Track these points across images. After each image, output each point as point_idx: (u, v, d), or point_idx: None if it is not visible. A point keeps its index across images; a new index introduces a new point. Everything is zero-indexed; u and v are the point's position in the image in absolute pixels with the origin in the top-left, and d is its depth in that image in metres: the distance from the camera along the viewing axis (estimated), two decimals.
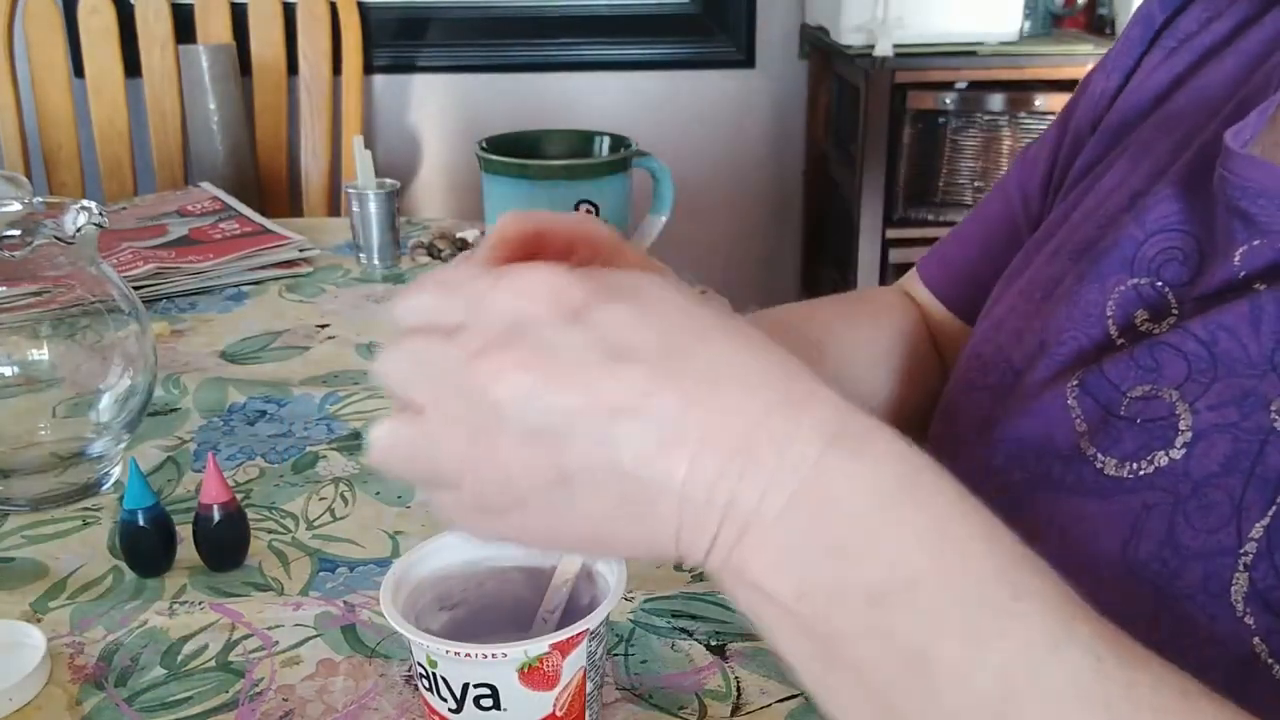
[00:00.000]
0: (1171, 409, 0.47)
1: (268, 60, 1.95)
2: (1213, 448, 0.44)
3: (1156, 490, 0.45)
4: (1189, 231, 0.51)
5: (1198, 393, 0.46)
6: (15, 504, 0.72)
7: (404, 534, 0.69)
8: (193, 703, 0.54)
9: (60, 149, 1.91)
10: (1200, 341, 0.47)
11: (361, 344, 0.99)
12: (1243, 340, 0.46)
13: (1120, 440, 0.47)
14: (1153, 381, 0.48)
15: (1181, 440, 0.46)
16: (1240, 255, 0.47)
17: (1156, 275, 0.51)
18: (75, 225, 0.69)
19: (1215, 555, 0.43)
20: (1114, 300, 0.52)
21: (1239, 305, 0.46)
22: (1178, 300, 0.50)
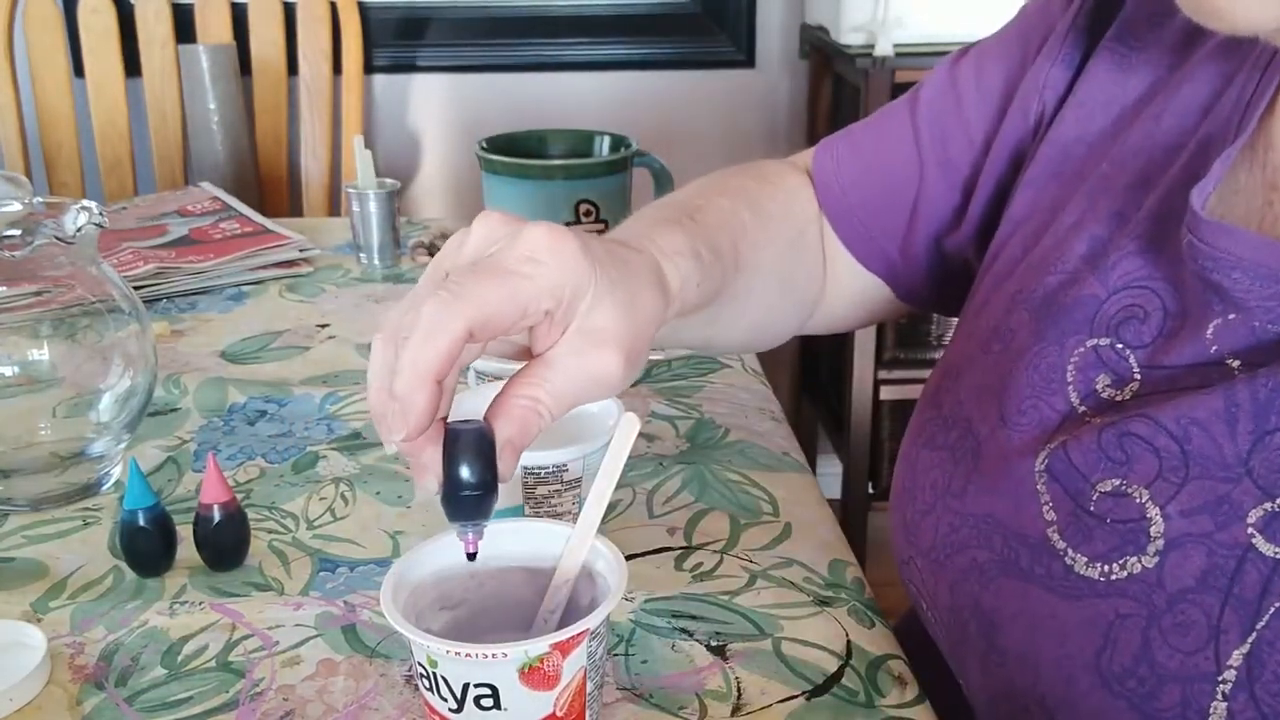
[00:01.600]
0: (1142, 511, 0.44)
1: (268, 60, 1.95)
2: (1186, 559, 0.42)
3: (1129, 599, 0.44)
4: (1152, 289, 0.49)
5: (1169, 494, 0.44)
6: (15, 504, 0.71)
7: (404, 534, 0.69)
8: (193, 703, 0.54)
9: (60, 149, 1.91)
10: (1171, 436, 0.44)
11: (361, 344, 0.99)
12: (1216, 439, 0.43)
13: (1091, 539, 0.46)
14: (1123, 476, 0.46)
15: (1154, 548, 0.44)
16: (1213, 329, 0.45)
17: (1116, 335, 0.49)
18: (75, 225, 0.69)
19: (1193, 680, 0.41)
20: (1074, 364, 0.50)
21: (1212, 398, 0.43)
22: (1139, 365, 0.48)
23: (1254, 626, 0.40)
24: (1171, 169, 0.51)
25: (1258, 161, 0.48)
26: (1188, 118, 0.52)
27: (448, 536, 0.50)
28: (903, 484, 0.58)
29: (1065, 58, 0.60)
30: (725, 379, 0.92)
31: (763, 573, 0.64)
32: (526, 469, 0.61)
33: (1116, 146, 0.55)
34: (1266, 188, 0.47)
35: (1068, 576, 0.46)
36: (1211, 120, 0.50)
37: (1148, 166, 0.52)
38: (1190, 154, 0.50)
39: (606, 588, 0.47)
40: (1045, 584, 0.47)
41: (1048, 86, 0.60)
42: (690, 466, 0.77)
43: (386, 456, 0.78)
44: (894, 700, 0.54)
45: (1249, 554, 0.41)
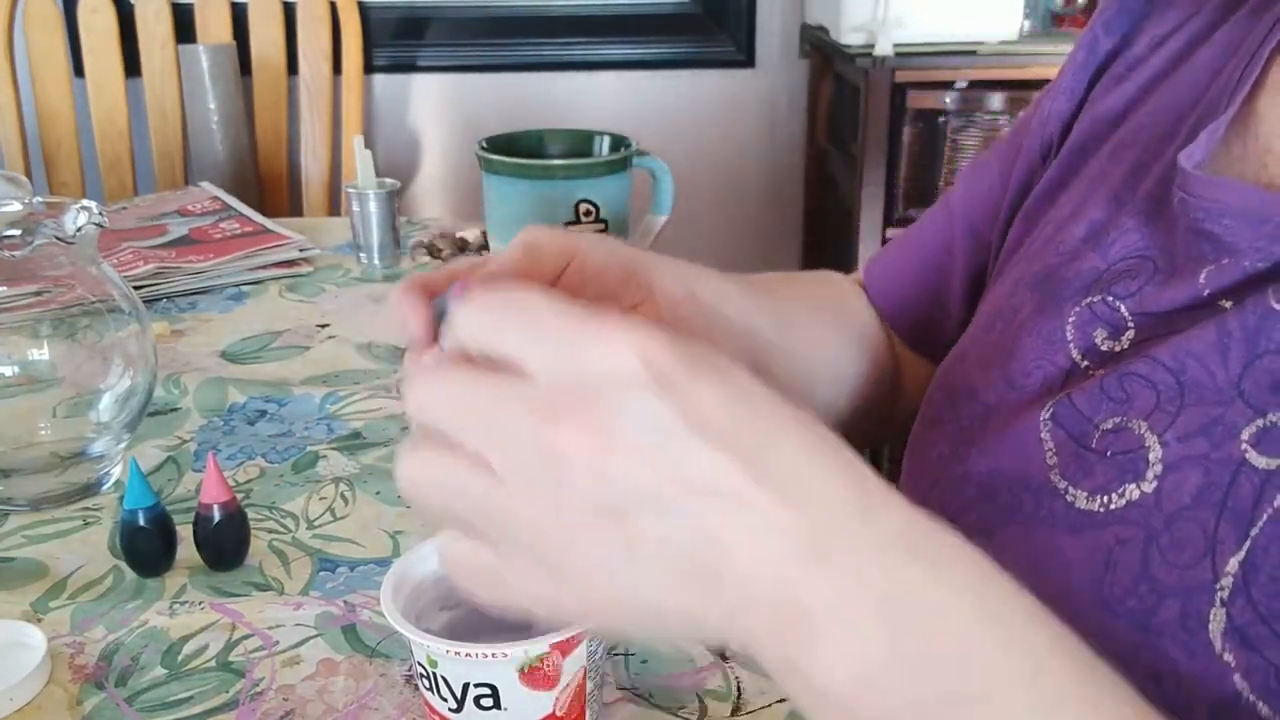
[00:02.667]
0: (1141, 441, 0.46)
1: (268, 60, 1.95)
2: (1184, 480, 0.44)
3: (1128, 524, 0.45)
4: (1149, 256, 0.51)
5: (1165, 423, 0.45)
6: (15, 504, 0.72)
7: (404, 534, 0.69)
8: (193, 703, 0.54)
9: (60, 149, 1.91)
10: (1168, 370, 0.46)
11: (361, 344, 0.99)
12: (1210, 367, 0.45)
13: (1091, 473, 0.47)
14: (1123, 413, 0.47)
15: (1152, 473, 0.45)
16: (1205, 275, 0.47)
17: (1108, 291, 0.51)
18: (75, 225, 0.69)
19: (1192, 591, 0.42)
20: (1071, 323, 0.52)
21: (1205, 330, 0.45)
22: (1132, 313, 0.50)
23: (1248, 534, 0.41)
24: (1166, 153, 0.53)
25: (1250, 134, 0.50)
26: (1181, 110, 0.54)
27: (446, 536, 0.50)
28: (909, 473, 0.60)
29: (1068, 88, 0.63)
30: None
31: None
32: None
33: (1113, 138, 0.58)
34: (1260, 153, 0.49)
35: (1068, 513, 0.47)
36: (1203, 104, 0.53)
37: (1143, 154, 0.55)
38: (1184, 137, 0.52)
39: None
40: (1048, 524, 0.48)
41: (1052, 115, 0.63)
42: None
43: (386, 456, 0.78)
44: None
45: (1242, 468, 0.43)
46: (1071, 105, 0.63)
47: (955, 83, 1.92)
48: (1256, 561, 0.41)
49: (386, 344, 0.99)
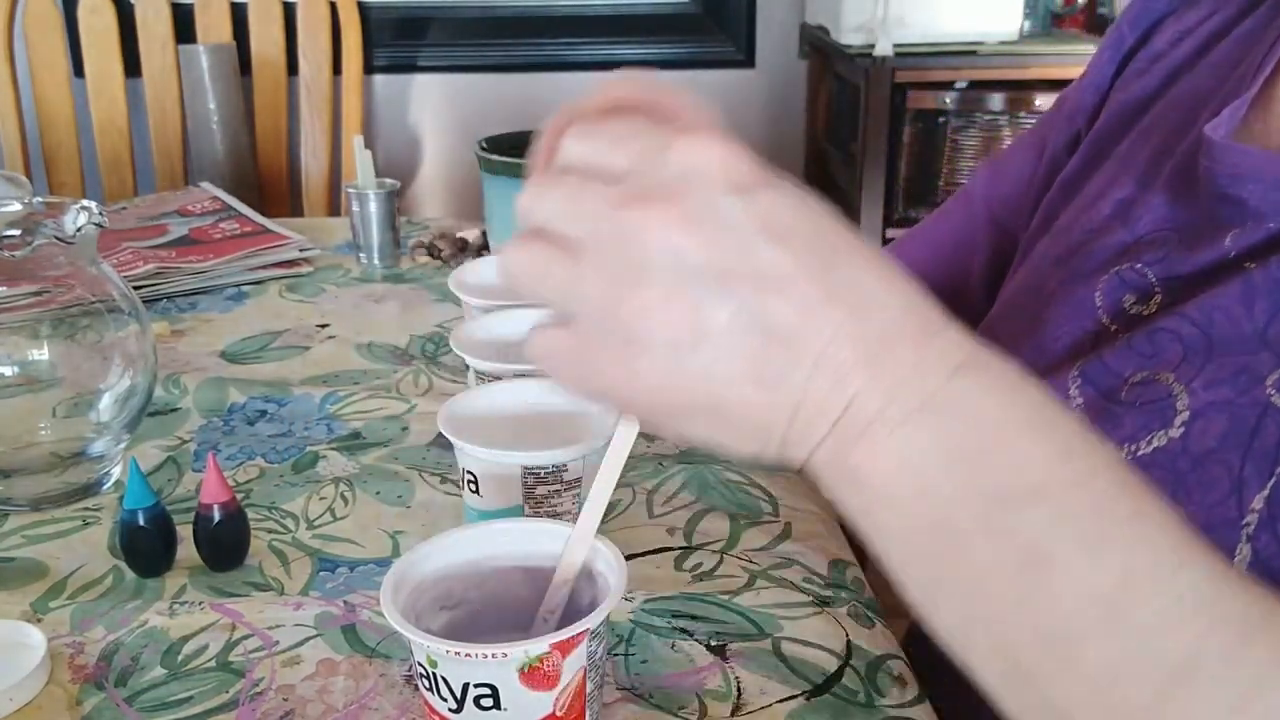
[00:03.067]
0: (1169, 391, 0.48)
1: (268, 60, 1.95)
2: (1210, 425, 0.45)
3: (1156, 468, 0.46)
4: (1175, 228, 0.52)
5: (1193, 373, 0.47)
6: (15, 504, 0.71)
7: (404, 534, 0.69)
8: (193, 703, 0.54)
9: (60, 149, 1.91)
10: (1194, 324, 0.48)
11: (361, 344, 0.99)
12: (1237, 320, 0.47)
13: (1120, 424, 0.48)
14: (1151, 366, 0.49)
15: (1180, 420, 0.46)
16: (1231, 238, 0.48)
17: (1136, 259, 0.53)
18: (75, 225, 0.69)
19: (1218, 527, 0.43)
20: (1100, 290, 0.54)
21: (1231, 285, 0.47)
22: (1158, 278, 0.51)
23: (1273, 471, 0.43)
24: (1189, 134, 0.55)
25: (1270, 112, 0.52)
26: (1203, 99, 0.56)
27: (447, 536, 0.50)
28: None
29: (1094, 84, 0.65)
30: None
31: (762, 572, 0.64)
32: (526, 469, 0.61)
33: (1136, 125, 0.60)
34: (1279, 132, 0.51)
35: None
36: (1224, 91, 0.55)
37: (1169, 136, 0.56)
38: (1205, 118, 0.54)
39: (606, 587, 0.47)
40: None
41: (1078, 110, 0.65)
42: (690, 466, 0.76)
43: (386, 456, 0.78)
44: (894, 700, 0.54)
45: (1268, 410, 0.44)
46: (1097, 98, 0.65)
47: (955, 83, 1.92)
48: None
49: (386, 344, 0.99)
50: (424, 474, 0.76)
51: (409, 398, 0.88)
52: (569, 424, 0.66)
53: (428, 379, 0.92)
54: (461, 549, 0.50)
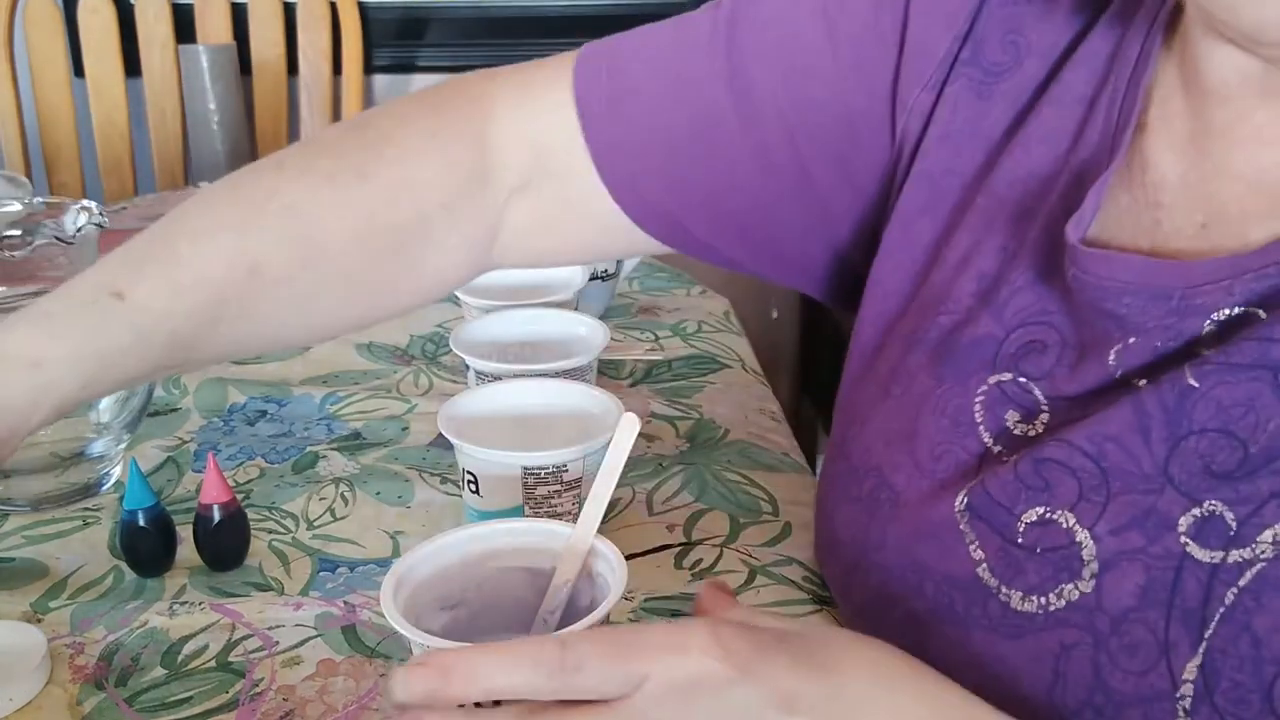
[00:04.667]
0: (1071, 536, 0.44)
1: (268, 60, 1.95)
2: (1124, 578, 0.42)
3: (1072, 628, 0.43)
4: (1049, 323, 0.48)
5: (1094, 515, 0.43)
6: (15, 504, 0.72)
7: (404, 534, 0.69)
8: (193, 703, 0.54)
9: (60, 149, 1.91)
10: (1087, 455, 0.44)
11: (361, 344, 0.99)
12: (1132, 451, 0.42)
13: (1023, 571, 0.45)
14: (1045, 503, 0.45)
15: (1089, 571, 0.43)
16: (1115, 355, 0.44)
17: (1017, 370, 0.48)
18: (75, 225, 0.69)
19: (1151, 700, 0.40)
20: (980, 403, 0.49)
21: (1121, 410, 0.43)
22: (1046, 396, 0.47)
23: (1203, 636, 0.39)
24: (1050, 198, 0.49)
25: (1136, 182, 0.47)
26: (1059, 144, 0.50)
27: (448, 536, 0.50)
28: (825, 538, 0.57)
29: (932, 81, 0.55)
30: (725, 379, 0.92)
31: (762, 570, 0.64)
32: (526, 469, 0.61)
33: (991, 179, 0.52)
34: (1151, 206, 0.46)
35: (1005, 615, 0.45)
36: (1083, 146, 0.49)
37: (1025, 198, 0.51)
38: (1066, 183, 0.49)
39: (606, 588, 0.47)
40: (985, 626, 0.45)
41: (915, 112, 0.55)
42: (690, 466, 0.76)
43: (386, 456, 0.78)
44: None
45: (1185, 563, 0.40)
46: (932, 100, 0.55)
47: None
48: (1216, 666, 0.39)
49: (386, 344, 0.99)
50: (424, 474, 0.76)
51: (409, 398, 0.88)
52: (569, 424, 0.66)
53: (428, 379, 0.92)
54: (462, 549, 0.50)
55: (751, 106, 0.57)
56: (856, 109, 0.57)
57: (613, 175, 0.60)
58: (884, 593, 0.50)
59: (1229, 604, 0.39)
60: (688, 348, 0.98)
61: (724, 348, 0.99)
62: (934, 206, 0.54)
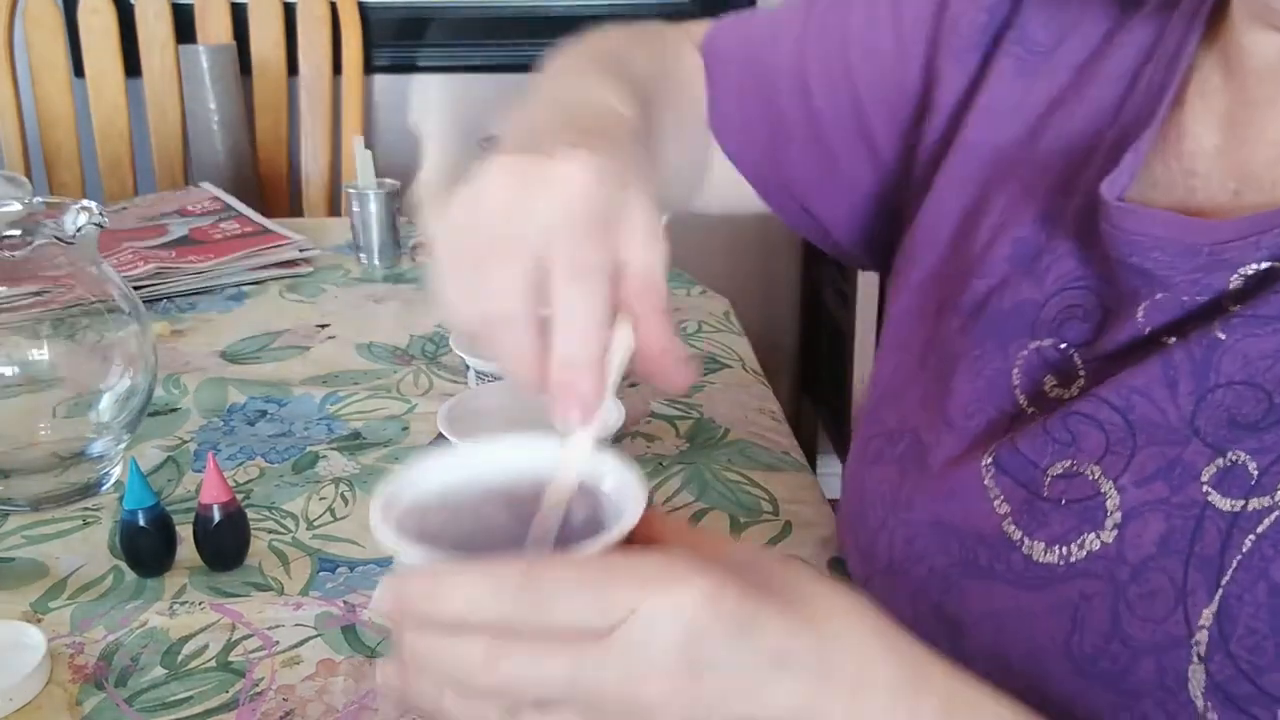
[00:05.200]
0: (1096, 487, 0.44)
1: (268, 60, 1.95)
2: (1146, 527, 0.42)
3: (1092, 578, 0.43)
4: (1089, 287, 0.49)
5: (1120, 467, 0.43)
6: (15, 504, 0.71)
7: None
8: (193, 703, 0.54)
9: (60, 149, 1.91)
10: (1114, 408, 0.44)
11: (361, 344, 0.99)
12: (1159, 404, 0.43)
13: (1047, 523, 0.45)
14: (1071, 457, 0.45)
15: (1111, 521, 0.43)
16: (1143, 310, 0.45)
17: (1058, 335, 0.49)
18: (75, 225, 0.69)
19: (1166, 647, 0.40)
20: (1019, 367, 0.50)
21: (1150, 365, 0.43)
22: (1083, 361, 0.48)
23: (1219, 583, 0.40)
24: (1088, 170, 0.51)
25: (1171, 152, 0.48)
26: (1101, 117, 0.52)
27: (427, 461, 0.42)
28: (851, 507, 0.57)
29: (967, 58, 0.58)
30: (725, 379, 0.92)
31: None
32: None
33: (1030, 151, 0.54)
34: (1185, 174, 0.48)
35: (1028, 567, 0.46)
36: (1122, 117, 0.51)
37: (1067, 169, 0.52)
38: (1105, 151, 0.50)
39: (617, 511, 0.38)
40: (1006, 578, 0.46)
41: (949, 87, 0.58)
42: (690, 466, 0.76)
43: (386, 456, 0.78)
44: None
45: (1206, 512, 0.41)
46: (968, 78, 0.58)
47: None
48: (1231, 612, 0.39)
49: (386, 344, 0.99)
50: None
51: (409, 398, 0.88)
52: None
53: (428, 379, 0.92)
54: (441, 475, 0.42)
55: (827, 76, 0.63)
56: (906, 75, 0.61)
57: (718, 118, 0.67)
58: (909, 551, 0.51)
59: (1246, 551, 0.39)
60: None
61: (724, 348, 0.99)
62: (972, 177, 0.56)
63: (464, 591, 0.32)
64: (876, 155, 0.63)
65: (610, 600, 0.32)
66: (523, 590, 0.32)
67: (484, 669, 0.32)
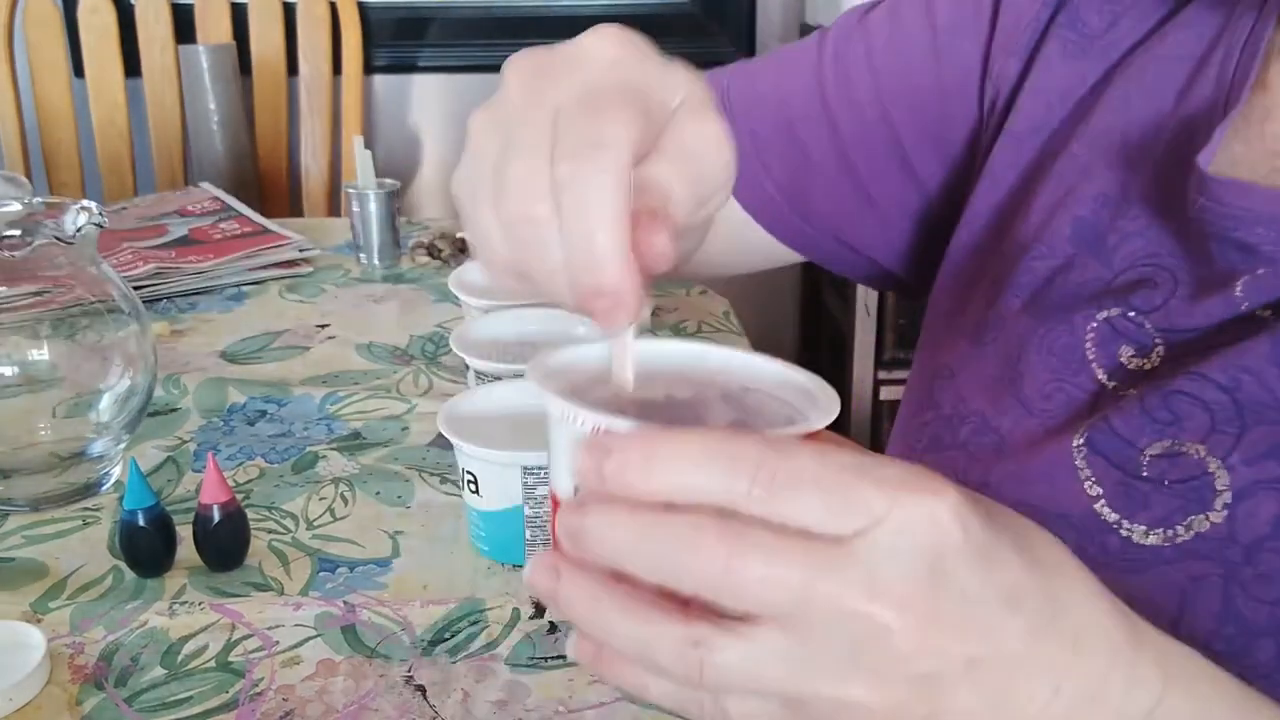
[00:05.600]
0: (1203, 466, 0.43)
1: (268, 60, 1.95)
2: (1259, 507, 0.41)
3: (1201, 559, 0.42)
4: (1158, 264, 0.48)
5: (1228, 446, 0.42)
6: (15, 504, 0.71)
7: (404, 534, 0.69)
8: (193, 703, 0.54)
9: (60, 149, 1.91)
10: (1221, 388, 0.43)
11: (361, 344, 0.99)
12: (1269, 384, 0.42)
13: (1148, 505, 0.44)
14: (1173, 436, 0.44)
15: (1221, 501, 0.42)
16: (1242, 286, 0.44)
17: (1127, 304, 0.48)
18: (75, 225, 0.69)
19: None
20: (1090, 340, 0.49)
21: (1258, 343, 0.42)
22: (1158, 329, 0.47)
23: None
24: (1156, 150, 0.50)
25: (1254, 133, 0.48)
26: (1163, 99, 0.51)
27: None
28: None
29: (1020, 48, 0.57)
30: None
31: None
32: (526, 469, 0.61)
33: (1084, 130, 0.53)
34: (1269, 155, 0.47)
35: (1126, 549, 0.44)
36: (1192, 99, 0.50)
37: (1127, 149, 0.51)
38: (1174, 132, 0.50)
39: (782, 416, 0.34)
40: (1101, 561, 0.44)
41: (1002, 77, 0.58)
42: None
43: (386, 456, 0.78)
44: None
45: None
46: (1020, 66, 0.57)
47: None
48: None
49: (386, 344, 0.99)
50: (424, 474, 0.76)
51: (409, 398, 0.88)
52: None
53: (428, 379, 0.92)
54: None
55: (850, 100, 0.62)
56: (950, 89, 0.60)
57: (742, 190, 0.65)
58: None
59: None
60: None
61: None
62: (1018, 162, 0.55)
63: (692, 463, 0.28)
64: (914, 176, 0.62)
65: (856, 501, 0.28)
66: (761, 473, 0.28)
67: (710, 556, 0.28)
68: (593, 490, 0.29)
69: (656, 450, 0.28)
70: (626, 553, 0.29)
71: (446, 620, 0.59)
